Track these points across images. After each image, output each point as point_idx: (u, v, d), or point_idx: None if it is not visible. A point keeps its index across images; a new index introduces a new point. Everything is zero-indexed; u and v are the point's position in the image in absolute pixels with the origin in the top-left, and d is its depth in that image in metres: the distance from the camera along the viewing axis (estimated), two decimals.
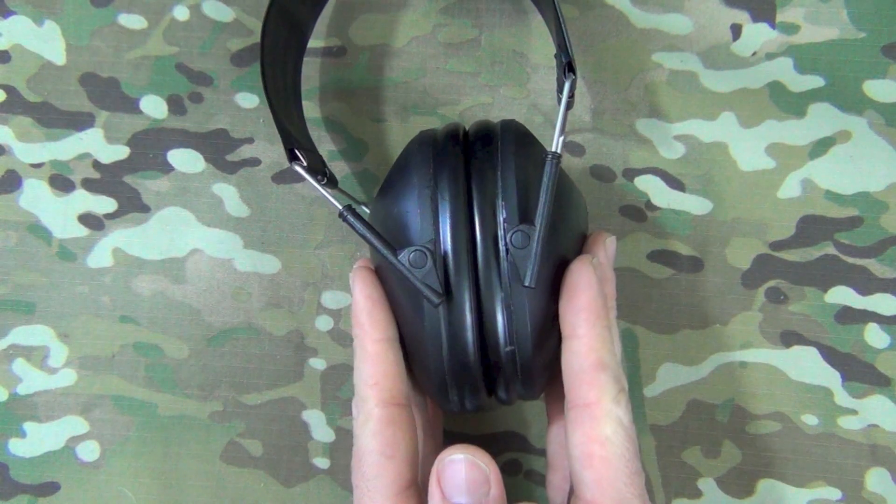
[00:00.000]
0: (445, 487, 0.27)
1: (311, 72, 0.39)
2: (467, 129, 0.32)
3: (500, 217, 0.29)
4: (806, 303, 0.38)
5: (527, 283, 0.28)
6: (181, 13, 0.39)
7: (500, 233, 0.29)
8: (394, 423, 0.29)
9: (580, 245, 0.32)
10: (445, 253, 0.29)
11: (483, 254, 0.29)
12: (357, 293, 0.30)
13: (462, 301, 0.29)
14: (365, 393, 0.29)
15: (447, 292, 0.29)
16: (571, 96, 0.32)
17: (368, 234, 0.29)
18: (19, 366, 0.39)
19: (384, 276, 0.31)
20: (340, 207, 0.30)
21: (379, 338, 0.30)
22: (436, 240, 0.29)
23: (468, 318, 0.29)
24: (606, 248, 0.32)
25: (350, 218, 0.30)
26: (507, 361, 0.30)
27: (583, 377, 0.29)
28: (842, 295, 0.38)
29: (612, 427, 0.28)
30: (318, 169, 0.33)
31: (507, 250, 0.29)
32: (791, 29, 0.38)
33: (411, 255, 0.29)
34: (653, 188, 0.39)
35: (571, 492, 0.30)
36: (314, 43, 0.39)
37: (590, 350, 0.29)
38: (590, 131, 0.39)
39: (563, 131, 0.30)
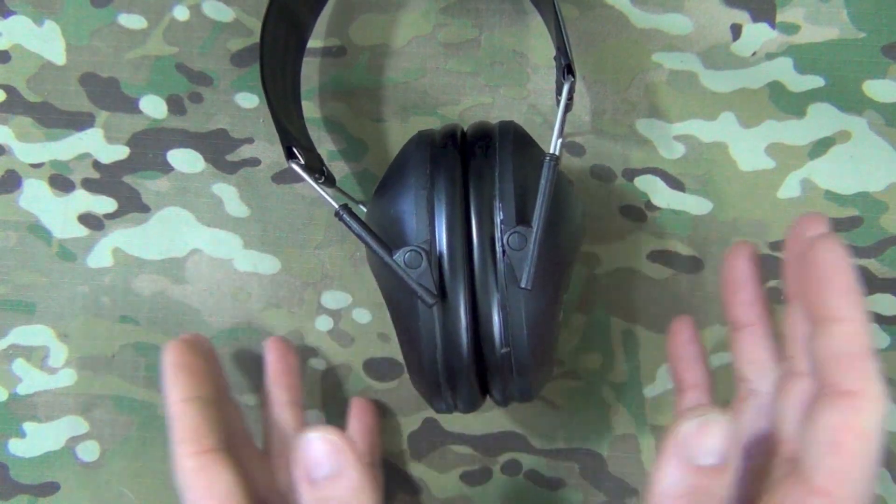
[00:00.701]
0: (306, 465, 0.28)
1: (311, 72, 0.39)
2: (466, 130, 0.32)
3: (497, 218, 0.29)
4: None
5: (523, 285, 0.28)
6: (181, 13, 0.39)
7: (497, 234, 0.29)
8: (205, 468, 0.30)
9: (577, 247, 0.32)
10: (441, 254, 0.29)
11: (479, 255, 0.29)
12: (164, 362, 0.32)
13: (457, 302, 0.29)
14: (176, 450, 0.30)
15: (442, 293, 0.29)
16: (570, 98, 0.32)
17: (364, 234, 0.29)
18: (19, 366, 0.39)
19: (380, 276, 0.31)
20: (337, 206, 0.30)
21: (179, 398, 0.31)
22: (431, 240, 0.29)
23: (463, 319, 0.29)
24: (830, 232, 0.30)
25: (346, 217, 0.30)
26: (503, 363, 0.30)
27: (848, 362, 0.27)
28: None
29: (874, 422, 0.27)
30: (316, 168, 0.33)
31: (503, 252, 0.29)
32: (791, 29, 0.38)
33: (406, 256, 0.29)
34: (653, 188, 0.39)
35: (780, 466, 0.29)
36: (314, 43, 0.39)
37: (857, 334, 0.28)
38: (590, 132, 0.39)
39: (561, 133, 0.30)
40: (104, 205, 0.39)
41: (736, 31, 0.38)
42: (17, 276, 0.39)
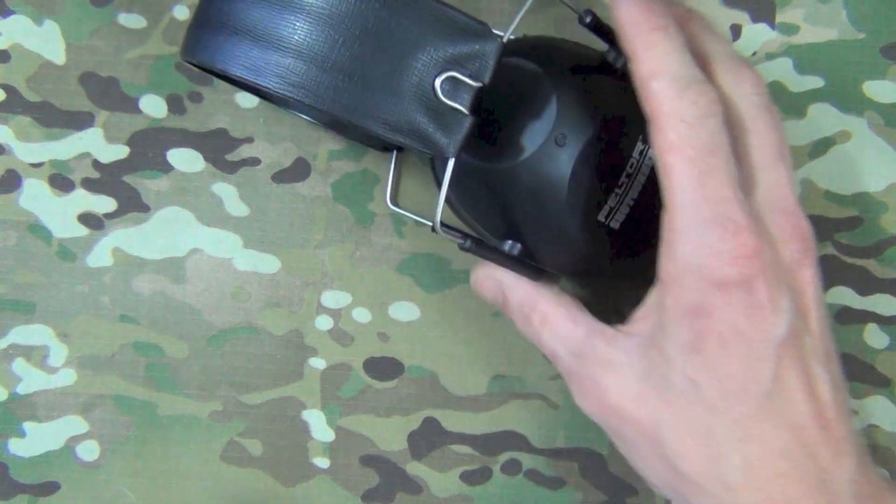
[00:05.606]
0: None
1: None
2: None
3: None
4: None
5: None
6: (181, 13, 0.39)
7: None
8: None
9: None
10: None
11: None
12: None
13: None
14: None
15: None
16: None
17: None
18: (19, 365, 0.39)
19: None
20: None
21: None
22: None
23: None
24: None
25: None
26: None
27: (640, 97, 0.27)
28: (841, 295, 0.38)
29: (675, 129, 0.27)
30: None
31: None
32: (791, 29, 0.38)
33: None
34: None
35: None
36: None
37: (637, 67, 0.27)
38: None
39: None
40: (104, 204, 0.39)
41: (736, 31, 0.38)
42: (16, 275, 0.39)
